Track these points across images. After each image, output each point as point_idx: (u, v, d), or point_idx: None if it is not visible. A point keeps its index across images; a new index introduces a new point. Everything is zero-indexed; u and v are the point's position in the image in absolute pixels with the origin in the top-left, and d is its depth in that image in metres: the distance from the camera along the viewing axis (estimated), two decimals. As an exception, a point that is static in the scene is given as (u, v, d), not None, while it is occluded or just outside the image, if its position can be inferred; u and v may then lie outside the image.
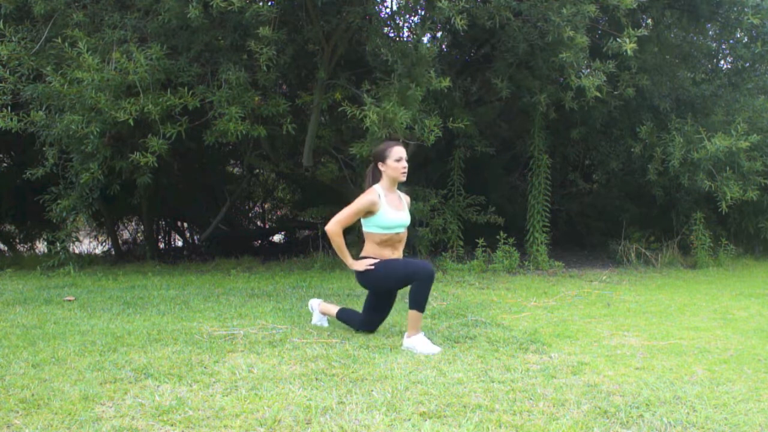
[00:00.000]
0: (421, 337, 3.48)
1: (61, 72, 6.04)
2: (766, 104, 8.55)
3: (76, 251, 8.71)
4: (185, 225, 10.96)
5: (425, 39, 6.93)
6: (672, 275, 7.36)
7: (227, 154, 9.78)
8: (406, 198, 3.83)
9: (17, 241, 10.27)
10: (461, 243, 7.72)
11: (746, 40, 8.24)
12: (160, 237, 10.54)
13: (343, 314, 3.96)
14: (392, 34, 7.12)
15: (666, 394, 2.75)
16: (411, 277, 3.50)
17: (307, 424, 2.36)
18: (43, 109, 6.36)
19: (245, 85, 6.29)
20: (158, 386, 2.75)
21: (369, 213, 3.59)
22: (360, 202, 3.58)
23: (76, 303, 4.89)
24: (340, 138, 7.58)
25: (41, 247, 10.25)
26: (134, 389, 2.70)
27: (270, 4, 6.16)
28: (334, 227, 3.58)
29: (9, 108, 6.31)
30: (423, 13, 6.92)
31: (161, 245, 10.37)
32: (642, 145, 7.96)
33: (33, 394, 2.61)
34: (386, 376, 2.93)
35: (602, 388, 2.81)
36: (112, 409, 2.48)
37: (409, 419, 2.40)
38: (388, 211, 3.59)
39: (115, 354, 3.26)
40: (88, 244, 10.52)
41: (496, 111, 9.70)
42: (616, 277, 7.02)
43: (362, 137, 6.41)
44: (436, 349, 3.42)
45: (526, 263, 7.57)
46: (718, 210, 7.61)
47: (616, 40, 6.15)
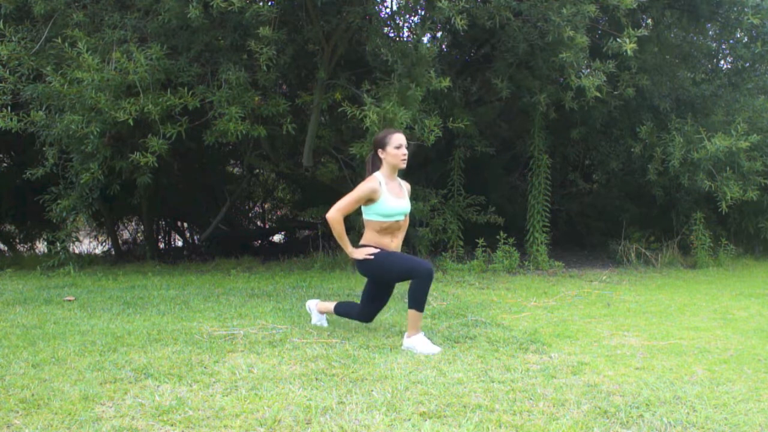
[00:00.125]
0: (421, 337, 3.48)
1: (61, 72, 6.04)
2: (766, 104, 8.55)
3: (76, 251, 8.71)
4: (185, 225, 10.96)
5: (425, 39, 6.93)
6: (672, 275, 7.36)
7: (227, 154, 9.78)
8: (406, 185, 3.81)
9: (17, 241, 10.27)
10: (461, 243, 7.72)
11: (746, 40, 8.24)
12: (160, 237, 10.54)
13: (340, 308, 3.95)
14: (392, 34, 7.13)
15: (666, 394, 2.75)
16: (410, 274, 3.50)
17: (307, 424, 2.36)
18: (43, 109, 6.36)
19: (245, 85, 6.29)
20: (158, 386, 2.75)
21: (369, 201, 3.57)
22: (361, 190, 3.56)
23: (76, 303, 4.89)
24: (340, 138, 7.58)
25: (41, 247, 10.25)
26: (134, 389, 2.70)
27: (270, 4, 6.16)
28: (334, 215, 3.57)
29: (9, 108, 6.31)
30: (423, 13, 6.92)
31: (161, 245, 10.36)
32: (642, 145, 7.96)
33: (33, 394, 2.61)
34: (386, 376, 2.93)
35: (602, 388, 2.81)
36: (112, 409, 2.48)
37: (409, 419, 2.40)
38: (388, 199, 3.57)
39: (115, 354, 3.26)
40: (88, 244, 10.51)
41: (496, 111, 9.70)
42: (616, 277, 7.02)
43: (362, 137, 6.41)
44: (436, 349, 3.42)
45: (526, 263, 7.57)
46: (718, 210, 7.61)
47: (616, 40, 6.15)
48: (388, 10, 7.55)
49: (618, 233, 8.82)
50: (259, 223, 11.61)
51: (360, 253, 3.60)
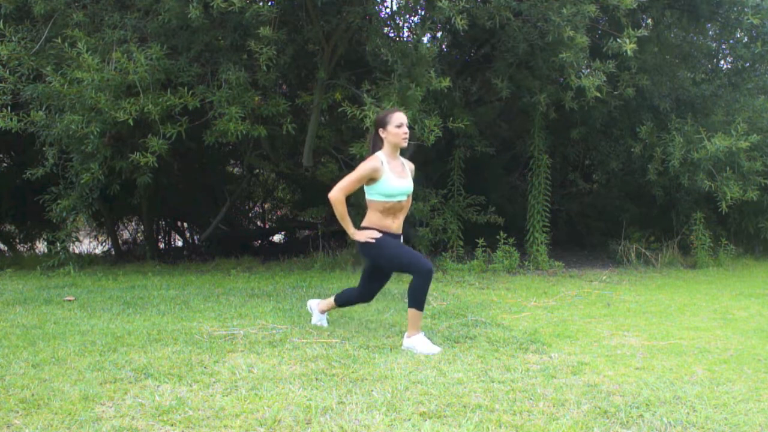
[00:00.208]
0: (421, 337, 3.48)
1: (61, 72, 6.04)
2: (766, 104, 8.55)
3: (76, 251, 8.71)
4: (185, 225, 10.95)
5: (425, 39, 6.93)
6: (672, 275, 7.36)
7: (227, 154, 9.78)
8: (409, 165, 3.78)
9: (17, 241, 10.27)
10: (461, 243, 7.72)
11: (746, 40, 8.24)
12: (160, 237, 10.53)
13: (340, 299, 3.95)
14: (392, 34, 7.12)
15: (666, 394, 2.75)
16: (409, 268, 3.49)
17: (307, 424, 2.36)
18: (43, 109, 6.35)
19: (245, 85, 6.29)
20: (158, 386, 2.75)
21: (371, 180, 3.55)
22: (362, 169, 3.55)
23: (76, 303, 4.88)
24: (340, 138, 7.58)
25: (41, 247, 10.25)
26: (134, 389, 2.70)
27: (270, 4, 6.16)
28: (337, 194, 3.55)
29: (9, 108, 6.30)
30: (423, 13, 6.92)
31: (161, 245, 10.36)
32: (642, 145, 7.96)
33: (33, 394, 2.61)
34: (386, 376, 2.93)
35: (602, 388, 2.81)
36: (112, 409, 2.48)
37: (409, 419, 2.40)
38: (390, 178, 3.56)
39: (115, 354, 3.26)
40: (88, 244, 10.51)
41: (496, 111, 9.69)
42: (616, 277, 7.02)
43: (362, 137, 6.41)
44: (436, 350, 3.42)
45: (526, 263, 7.57)
46: (718, 210, 7.61)
47: (616, 40, 6.15)
48: (388, 10, 7.55)
49: (618, 233, 8.82)
50: (259, 223, 11.61)
51: (362, 235, 3.58)
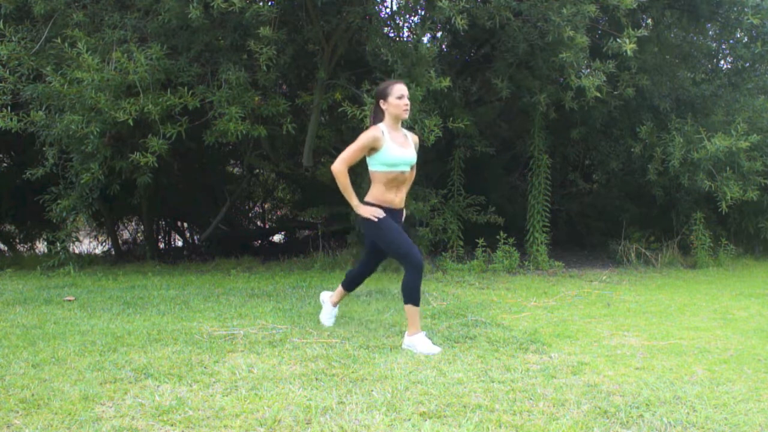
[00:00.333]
0: (421, 336, 3.48)
1: (61, 72, 6.04)
2: (766, 104, 8.54)
3: (76, 251, 8.71)
4: (185, 225, 10.95)
5: (425, 39, 6.93)
6: (672, 275, 7.36)
7: (227, 154, 9.78)
8: (413, 137, 3.77)
9: (17, 241, 10.27)
10: (461, 243, 7.72)
11: (746, 40, 8.23)
12: (160, 237, 10.53)
13: (346, 282, 3.97)
14: (392, 34, 7.12)
15: (666, 394, 2.75)
16: (404, 259, 3.52)
17: (307, 424, 2.36)
18: (43, 109, 6.35)
19: (245, 85, 6.29)
20: (158, 386, 2.75)
21: (372, 150, 3.54)
22: (363, 138, 3.54)
23: (76, 303, 4.89)
24: (340, 138, 7.58)
25: (41, 247, 10.25)
26: (134, 389, 2.70)
27: (270, 4, 6.16)
28: (339, 166, 3.53)
29: (9, 108, 6.30)
30: (423, 13, 6.92)
31: (161, 245, 10.36)
32: (642, 145, 7.95)
33: (33, 394, 2.62)
34: (386, 376, 2.93)
35: (602, 388, 2.81)
36: (112, 409, 2.48)
37: (409, 419, 2.40)
38: (392, 147, 3.55)
39: (115, 354, 3.26)
40: (88, 244, 10.51)
41: (496, 111, 9.69)
42: (616, 277, 7.02)
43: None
44: (436, 350, 3.42)
45: (526, 263, 7.57)
46: (718, 210, 7.61)
47: (616, 40, 6.15)
48: (388, 10, 7.55)
49: (618, 233, 8.82)
50: (259, 223, 11.61)
51: (365, 211, 3.57)
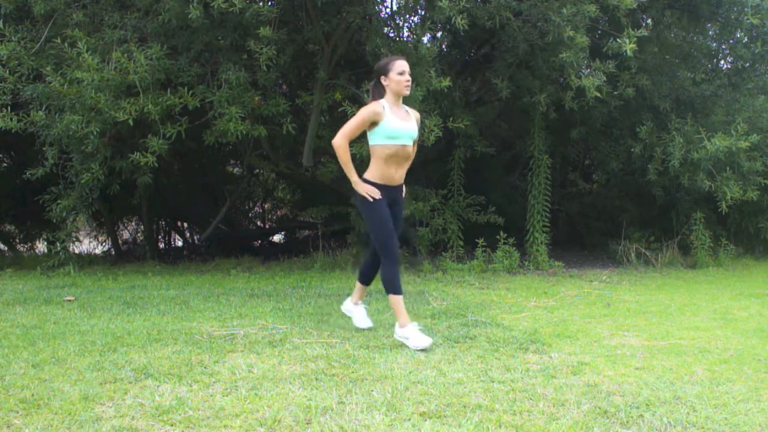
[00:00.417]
0: (412, 327, 3.49)
1: (61, 72, 6.04)
2: (766, 104, 8.55)
3: (76, 251, 8.71)
4: (185, 225, 10.96)
5: (425, 39, 6.93)
6: (672, 275, 7.36)
7: (227, 154, 9.78)
8: (415, 113, 3.78)
9: (17, 241, 10.27)
10: (461, 243, 7.72)
11: (746, 40, 8.23)
12: (160, 237, 10.53)
13: (362, 276, 3.97)
14: (392, 34, 7.12)
15: (666, 394, 2.75)
16: (379, 246, 3.56)
17: (307, 424, 2.36)
18: (43, 109, 6.35)
19: (245, 85, 6.29)
20: (158, 386, 2.75)
21: (373, 124, 3.55)
22: (363, 111, 3.54)
23: (76, 303, 4.89)
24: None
25: (41, 247, 10.25)
26: (134, 389, 2.70)
27: (270, 4, 6.16)
28: (340, 140, 3.54)
29: (9, 108, 6.30)
30: (423, 13, 6.92)
31: (161, 245, 10.36)
32: (642, 145, 7.95)
33: (33, 394, 2.62)
34: (386, 376, 2.93)
35: (602, 388, 2.81)
36: (112, 409, 2.48)
37: (409, 419, 2.40)
38: (392, 120, 3.54)
39: (115, 354, 3.26)
40: (88, 244, 10.52)
41: (496, 111, 9.69)
42: (616, 277, 7.02)
43: (362, 137, 6.39)
44: (428, 341, 3.42)
45: (526, 263, 7.56)
46: (718, 210, 7.61)
47: (616, 40, 6.15)
48: (388, 10, 7.55)
49: (618, 233, 8.82)
50: (259, 223, 11.61)
51: (363, 189, 3.59)
